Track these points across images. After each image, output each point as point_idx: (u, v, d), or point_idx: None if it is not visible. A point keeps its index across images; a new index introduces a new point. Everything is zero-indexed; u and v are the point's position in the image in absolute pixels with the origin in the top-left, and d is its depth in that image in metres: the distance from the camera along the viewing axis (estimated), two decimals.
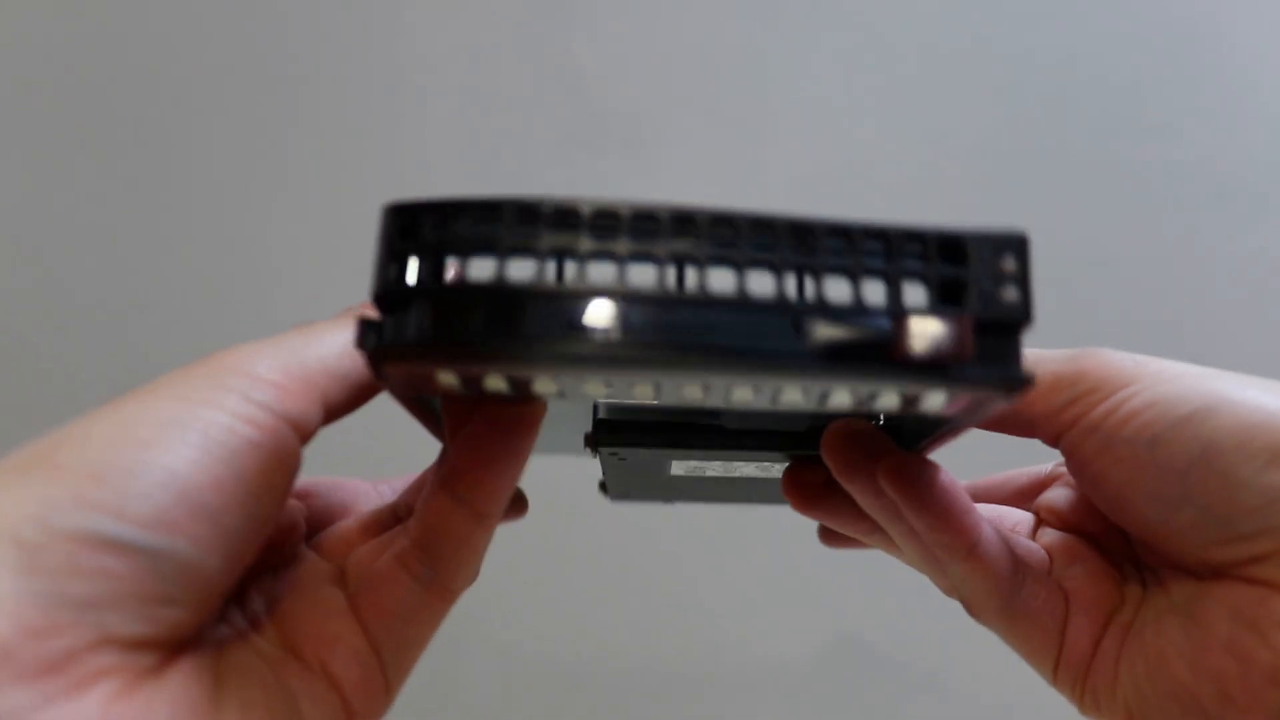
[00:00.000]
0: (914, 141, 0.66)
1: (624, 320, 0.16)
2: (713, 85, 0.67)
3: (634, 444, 0.27)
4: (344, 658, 0.20)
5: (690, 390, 0.18)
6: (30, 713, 0.15)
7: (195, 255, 0.65)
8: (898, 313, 0.17)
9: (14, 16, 0.66)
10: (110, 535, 0.16)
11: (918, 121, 0.67)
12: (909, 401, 0.19)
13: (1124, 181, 0.66)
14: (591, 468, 0.30)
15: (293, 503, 0.24)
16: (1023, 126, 0.67)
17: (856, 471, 0.25)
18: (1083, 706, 0.25)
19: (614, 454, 0.27)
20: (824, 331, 0.17)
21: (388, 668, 0.21)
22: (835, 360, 0.17)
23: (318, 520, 0.24)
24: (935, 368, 0.17)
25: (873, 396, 0.18)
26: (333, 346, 0.20)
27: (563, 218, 0.16)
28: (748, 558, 0.61)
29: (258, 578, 0.21)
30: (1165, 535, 0.23)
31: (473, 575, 0.22)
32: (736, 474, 0.30)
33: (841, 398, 0.18)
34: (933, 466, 0.24)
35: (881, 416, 0.26)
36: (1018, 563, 0.25)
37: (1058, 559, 0.26)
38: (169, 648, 0.17)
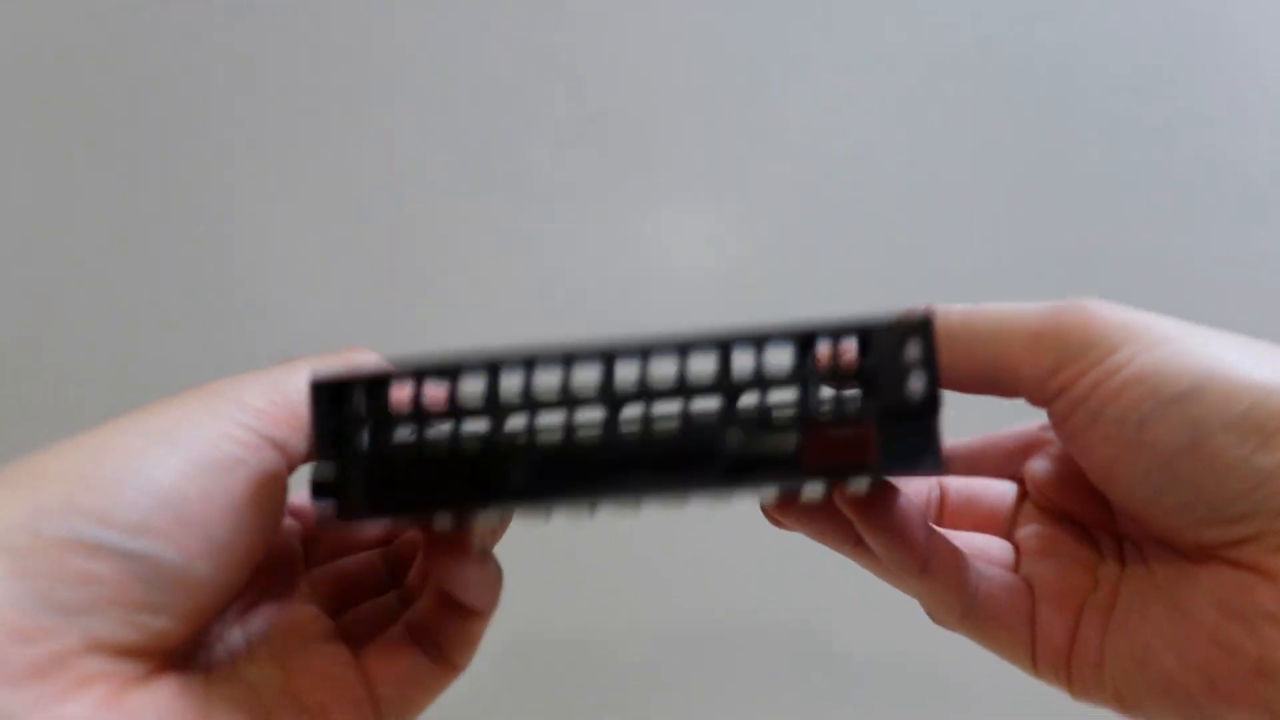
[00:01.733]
0: (914, 141, 0.66)
1: (536, 471, 0.17)
2: (713, 85, 0.67)
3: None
4: (346, 710, 0.21)
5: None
6: (22, 715, 0.15)
7: (195, 256, 0.65)
8: (805, 422, 0.17)
9: (13, 16, 0.66)
10: (97, 540, 0.16)
11: (918, 121, 0.67)
12: (833, 486, 0.19)
13: (1124, 182, 0.66)
14: None
15: (290, 528, 0.24)
16: (1023, 126, 0.67)
17: (814, 506, 0.25)
18: (1072, 692, 0.25)
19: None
20: (733, 450, 0.17)
21: None
22: (745, 476, 0.18)
23: (313, 549, 0.25)
24: (845, 468, 0.17)
25: (794, 490, 0.19)
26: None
27: (482, 378, 0.18)
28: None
29: (256, 605, 0.21)
30: (1152, 514, 0.22)
31: (474, 651, 0.23)
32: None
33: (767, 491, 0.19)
34: (891, 490, 0.24)
35: None
36: (972, 572, 0.25)
37: (1029, 553, 0.26)
38: (157, 658, 0.18)
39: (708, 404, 0.18)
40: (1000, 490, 0.28)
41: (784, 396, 0.18)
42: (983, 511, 0.28)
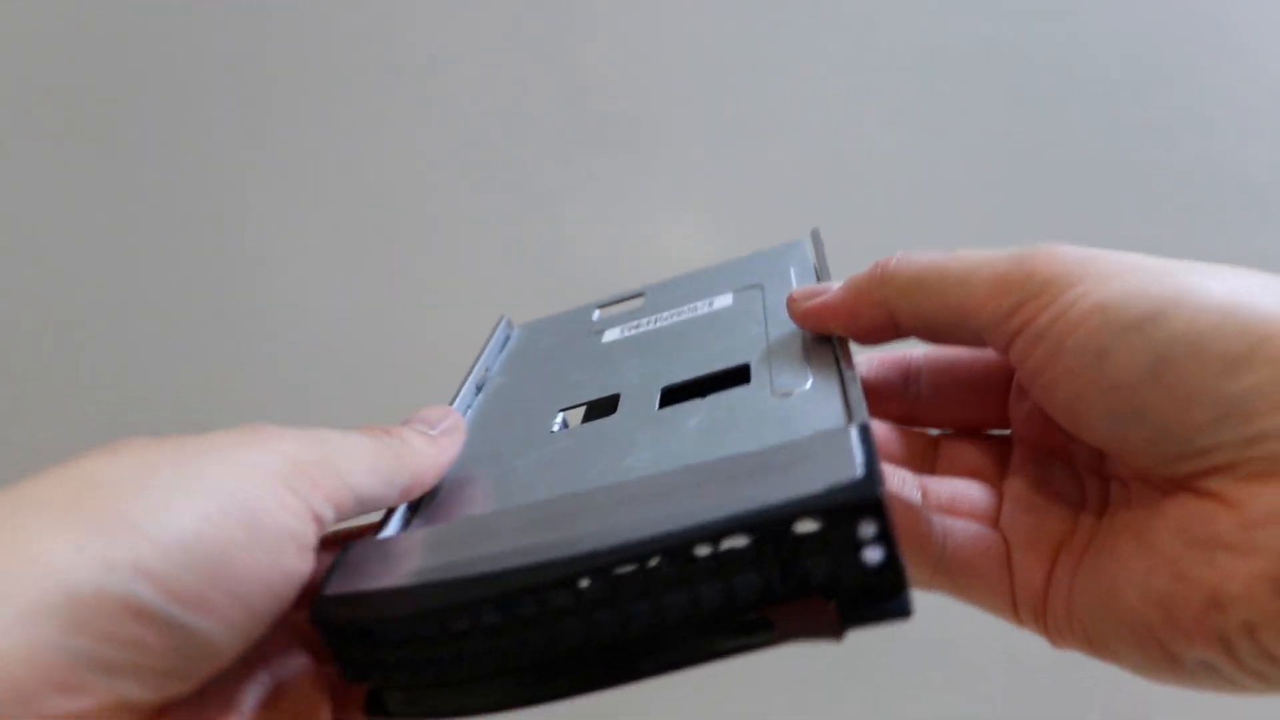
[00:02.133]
0: (914, 141, 0.66)
1: (514, 682, 0.19)
2: (713, 85, 0.67)
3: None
4: None
5: None
6: None
7: (196, 257, 0.65)
8: (770, 603, 0.18)
9: (13, 14, 0.66)
10: (154, 609, 0.16)
11: (918, 121, 0.67)
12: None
13: (1124, 182, 0.66)
14: None
15: None
16: (1023, 126, 0.67)
17: None
18: (1051, 639, 0.24)
19: None
20: (707, 648, 0.19)
21: None
22: (721, 654, 0.19)
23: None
24: (815, 633, 0.18)
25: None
26: (360, 462, 0.21)
27: (465, 614, 0.19)
28: None
29: (253, 669, 0.21)
30: (1120, 450, 0.22)
31: None
32: None
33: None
34: None
35: None
36: (936, 526, 0.25)
37: (1012, 500, 0.26)
38: (157, 711, 0.18)
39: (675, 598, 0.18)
40: (989, 438, 0.28)
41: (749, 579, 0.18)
42: (973, 459, 0.28)
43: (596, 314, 0.35)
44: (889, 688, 0.60)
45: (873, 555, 0.17)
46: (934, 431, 0.30)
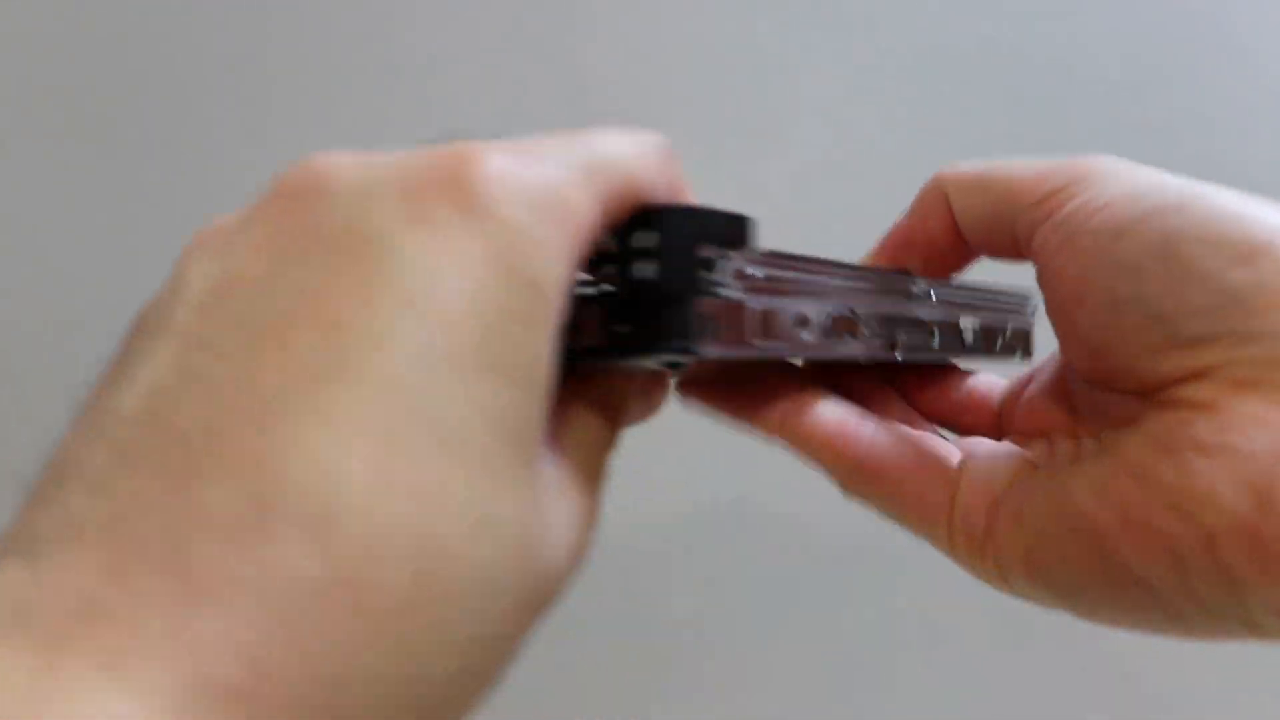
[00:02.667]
0: (915, 140, 0.66)
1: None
2: (713, 86, 0.67)
3: None
4: None
5: None
6: None
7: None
8: (580, 308, 0.18)
9: (13, 14, 0.66)
10: None
11: (918, 121, 0.67)
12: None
13: None
14: None
15: None
16: (1023, 126, 0.67)
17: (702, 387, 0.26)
18: (982, 566, 0.22)
19: None
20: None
21: None
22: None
23: None
24: (604, 352, 0.18)
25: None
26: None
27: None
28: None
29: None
30: (1110, 342, 0.21)
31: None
32: None
33: None
34: (744, 371, 0.25)
35: None
36: (851, 428, 0.24)
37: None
38: None
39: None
40: (997, 382, 0.28)
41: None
42: (978, 401, 0.28)
43: None
44: (885, 688, 0.60)
45: (646, 269, 0.18)
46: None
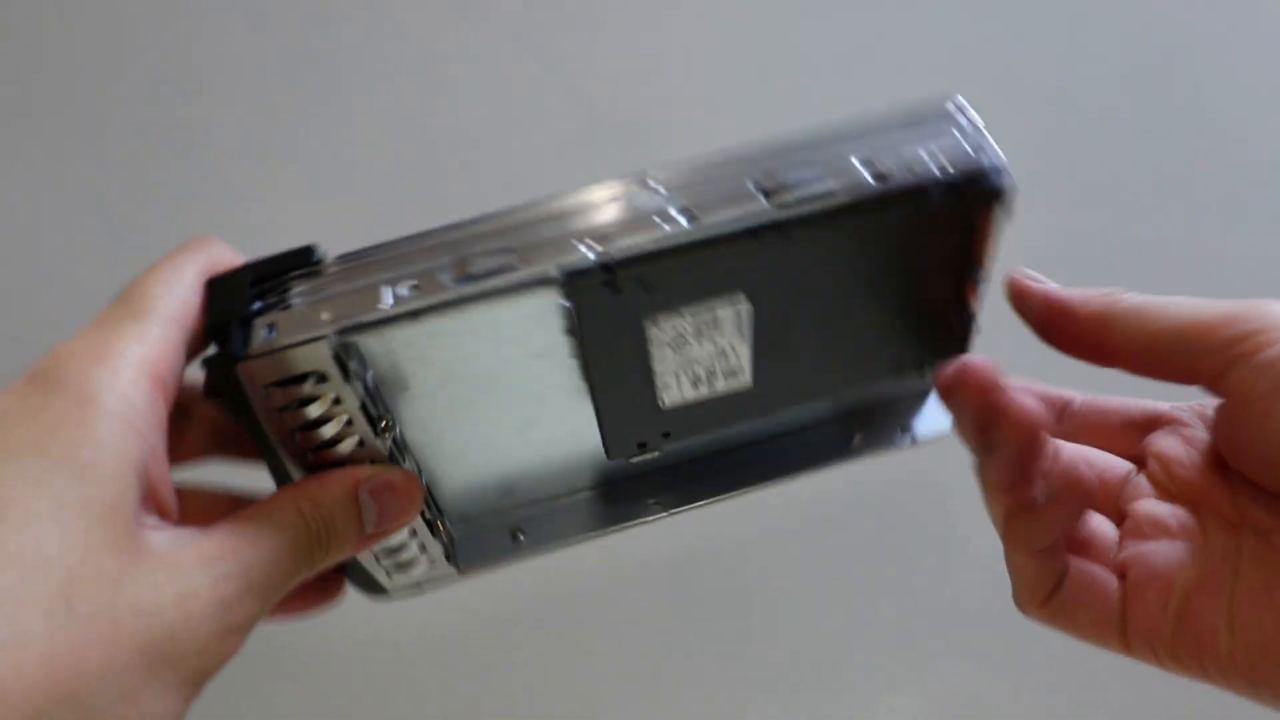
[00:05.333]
0: None
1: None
2: (714, 86, 0.67)
3: None
4: None
5: None
6: None
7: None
8: None
9: (13, 13, 0.66)
10: None
11: None
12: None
13: (1124, 182, 0.66)
14: None
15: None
16: (1023, 126, 0.67)
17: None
18: (1180, 669, 0.24)
19: None
20: None
21: None
22: None
23: None
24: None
25: None
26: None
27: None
28: None
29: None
30: None
31: None
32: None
33: None
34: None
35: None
36: (1063, 557, 0.25)
37: (1137, 528, 0.26)
38: None
39: None
40: (1114, 463, 0.28)
41: None
42: (1092, 481, 0.28)
43: None
44: (892, 686, 0.60)
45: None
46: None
